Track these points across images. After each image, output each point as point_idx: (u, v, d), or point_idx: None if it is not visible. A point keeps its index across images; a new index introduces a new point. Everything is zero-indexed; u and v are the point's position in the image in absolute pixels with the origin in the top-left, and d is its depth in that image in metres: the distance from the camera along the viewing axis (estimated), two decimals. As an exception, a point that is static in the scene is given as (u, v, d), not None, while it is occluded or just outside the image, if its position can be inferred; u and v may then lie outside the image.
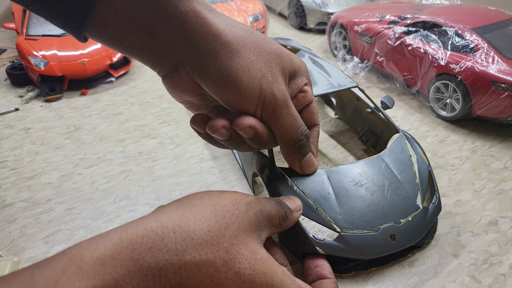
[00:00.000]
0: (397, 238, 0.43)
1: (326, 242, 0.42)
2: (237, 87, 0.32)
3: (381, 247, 0.42)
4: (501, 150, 0.71)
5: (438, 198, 0.49)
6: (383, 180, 0.46)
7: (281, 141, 0.37)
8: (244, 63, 0.32)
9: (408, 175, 0.48)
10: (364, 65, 1.01)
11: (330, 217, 0.42)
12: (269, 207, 0.33)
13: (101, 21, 0.28)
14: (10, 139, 0.78)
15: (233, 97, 0.32)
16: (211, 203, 0.30)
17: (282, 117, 0.34)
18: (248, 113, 0.34)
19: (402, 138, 0.53)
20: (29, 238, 0.54)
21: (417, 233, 0.45)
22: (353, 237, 0.42)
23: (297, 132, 0.36)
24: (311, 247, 0.42)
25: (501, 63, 0.73)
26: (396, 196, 0.45)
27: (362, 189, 0.44)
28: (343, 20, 1.10)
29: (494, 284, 0.46)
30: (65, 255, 0.24)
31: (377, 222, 0.43)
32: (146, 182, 0.65)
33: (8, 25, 1.12)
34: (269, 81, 0.33)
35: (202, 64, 0.31)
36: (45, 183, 0.65)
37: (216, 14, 0.32)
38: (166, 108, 0.88)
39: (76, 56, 0.99)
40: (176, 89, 0.34)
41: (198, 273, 0.26)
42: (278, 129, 0.35)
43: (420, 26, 0.90)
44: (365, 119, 0.70)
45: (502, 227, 0.54)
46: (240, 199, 0.32)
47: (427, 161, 0.51)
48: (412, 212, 0.45)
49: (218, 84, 0.32)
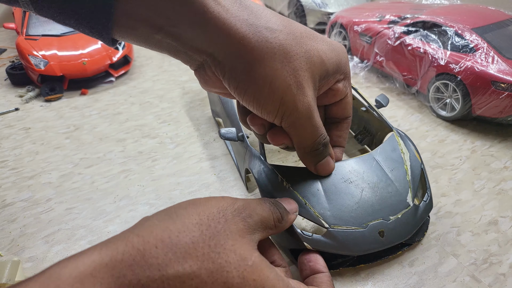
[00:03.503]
0: (386, 235, 0.43)
1: (314, 238, 0.42)
2: (257, 98, 0.31)
3: (369, 243, 0.42)
4: (501, 150, 0.71)
5: (429, 196, 0.49)
6: (373, 177, 0.46)
7: (298, 148, 0.37)
8: (267, 74, 0.30)
9: (399, 173, 0.47)
10: (364, 65, 1.01)
11: (318, 213, 0.42)
12: (261, 209, 0.32)
13: (124, 22, 0.28)
14: (10, 139, 0.78)
15: (253, 105, 0.32)
16: (196, 212, 0.29)
17: (302, 129, 0.34)
18: None
19: (395, 136, 0.53)
20: (29, 237, 0.54)
21: (407, 231, 0.44)
22: (341, 233, 0.42)
23: (316, 142, 0.36)
24: (299, 242, 0.42)
25: (501, 63, 0.73)
26: (386, 193, 0.45)
27: (351, 186, 0.44)
28: (343, 20, 1.10)
29: (494, 283, 0.46)
30: (44, 274, 0.23)
31: (366, 218, 0.43)
32: (146, 181, 0.65)
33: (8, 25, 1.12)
34: (292, 94, 0.31)
35: (225, 67, 0.30)
36: (45, 183, 0.65)
37: (236, 15, 0.29)
38: (166, 108, 0.88)
39: (76, 56, 0.99)
40: (206, 85, 0.34)
41: (183, 286, 0.25)
42: (296, 138, 0.35)
43: (420, 26, 0.90)
44: (360, 118, 0.70)
45: (502, 226, 0.54)
46: (227, 206, 0.31)
47: (420, 159, 0.51)
48: (402, 210, 0.44)
49: (240, 91, 0.31)
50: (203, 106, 0.88)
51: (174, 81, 1.02)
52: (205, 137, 0.76)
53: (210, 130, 0.79)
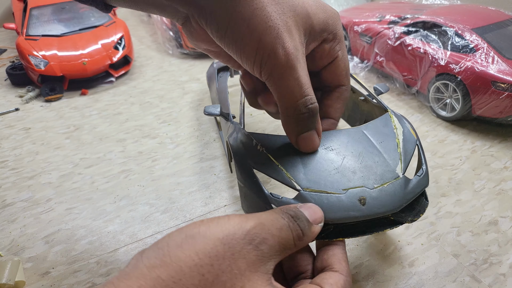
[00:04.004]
0: (367, 203, 0.37)
1: (283, 200, 0.38)
2: (235, 39, 0.28)
3: (347, 210, 0.37)
4: (501, 150, 0.71)
5: (424, 171, 0.43)
6: (358, 147, 0.41)
7: (280, 108, 0.32)
8: (246, 12, 0.28)
9: (389, 145, 0.42)
10: (364, 65, 1.01)
11: (291, 175, 0.38)
12: (278, 230, 0.26)
13: None
14: (10, 139, 0.78)
15: (233, 49, 0.29)
16: (193, 250, 0.23)
17: (282, 80, 0.30)
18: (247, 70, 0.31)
19: (389, 115, 0.49)
20: (29, 237, 0.54)
21: (393, 202, 0.38)
22: (314, 197, 0.37)
23: (299, 102, 0.31)
24: (266, 205, 0.39)
25: (501, 63, 0.73)
26: (372, 162, 0.40)
27: (332, 153, 0.39)
28: (343, 20, 1.10)
29: (494, 284, 0.46)
30: None
31: (345, 184, 0.37)
32: (146, 181, 0.65)
33: (8, 25, 1.13)
34: (272, 35, 0.28)
35: (208, 12, 0.29)
36: (45, 183, 0.65)
37: None
38: (166, 108, 0.88)
39: (76, 56, 0.99)
40: (191, 38, 0.33)
41: None
42: (276, 93, 0.31)
43: (420, 26, 0.90)
44: (362, 112, 0.69)
45: (502, 227, 0.54)
46: (234, 231, 0.25)
47: (416, 135, 0.47)
48: (390, 179, 0.39)
49: (220, 34, 0.29)
50: (203, 106, 0.88)
51: (174, 81, 1.02)
52: (205, 137, 0.76)
53: (210, 130, 0.79)
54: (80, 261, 0.50)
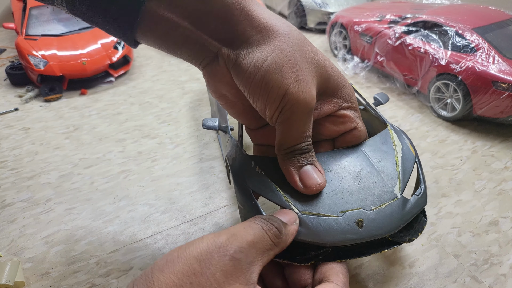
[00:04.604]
0: (365, 226, 0.37)
1: None
2: (265, 83, 0.31)
3: (345, 233, 0.37)
4: (502, 150, 0.70)
5: (423, 191, 0.43)
6: (355, 167, 0.41)
7: (278, 147, 0.35)
8: (281, 61, 0.31)
9: (388, 163, 0.43)
10: (364, 65, 1.00)
11: (289, 198, 0.39)
12: (252, 234, 0.28)
13: (151, 17, 0.29)
14: (10, 139, 0.78)
15: (259, 92, 0.31)
16: (173, 272, 0.25)
17: (294, 124, 0.33)
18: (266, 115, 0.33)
19: (388, 131, 0.49)
20: (29, 238, 0.54)
21: (391, 224, 0.38)
22: (312, 220, 0.37)
23: (297, 143, 0.35)
24: None
25: (501, 63, 0.73)
26: (369, 183, 0.40)
27: (330, 174, 0.40)
28: (343, 20, 1.10)
29: (495, 284, 0.45)
30: None
31: (342, 206, 0.38)
32: (146, 182, 0.65)
33: (8, 25, 1.12)
34: (301, 87, 0.32)
35: (239, 55, 0.31)
36: (44, 183, 0.65)
37: (262, 9, 0.31)
38: (166, 108, 0.88)
39: (75, 56, 0.98)
40: (213, 79, 0.34)
41: None
42: (282, 135, 0.34)
43: (421, 26, 0.89)
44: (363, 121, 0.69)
45: (503, 227, 0.54)
46: (207, 248, 0.26)
47: (415, 152, 0.47)
48: (387, 200, 0.39)
49: (249, 77, 0.31)
50: (203, 106, 0.88)
51: (174, 81, 1.01)
52: (205, 138, 0.76)
53: (210, 130, 0.78)
54: (79, 261, 0.50)
